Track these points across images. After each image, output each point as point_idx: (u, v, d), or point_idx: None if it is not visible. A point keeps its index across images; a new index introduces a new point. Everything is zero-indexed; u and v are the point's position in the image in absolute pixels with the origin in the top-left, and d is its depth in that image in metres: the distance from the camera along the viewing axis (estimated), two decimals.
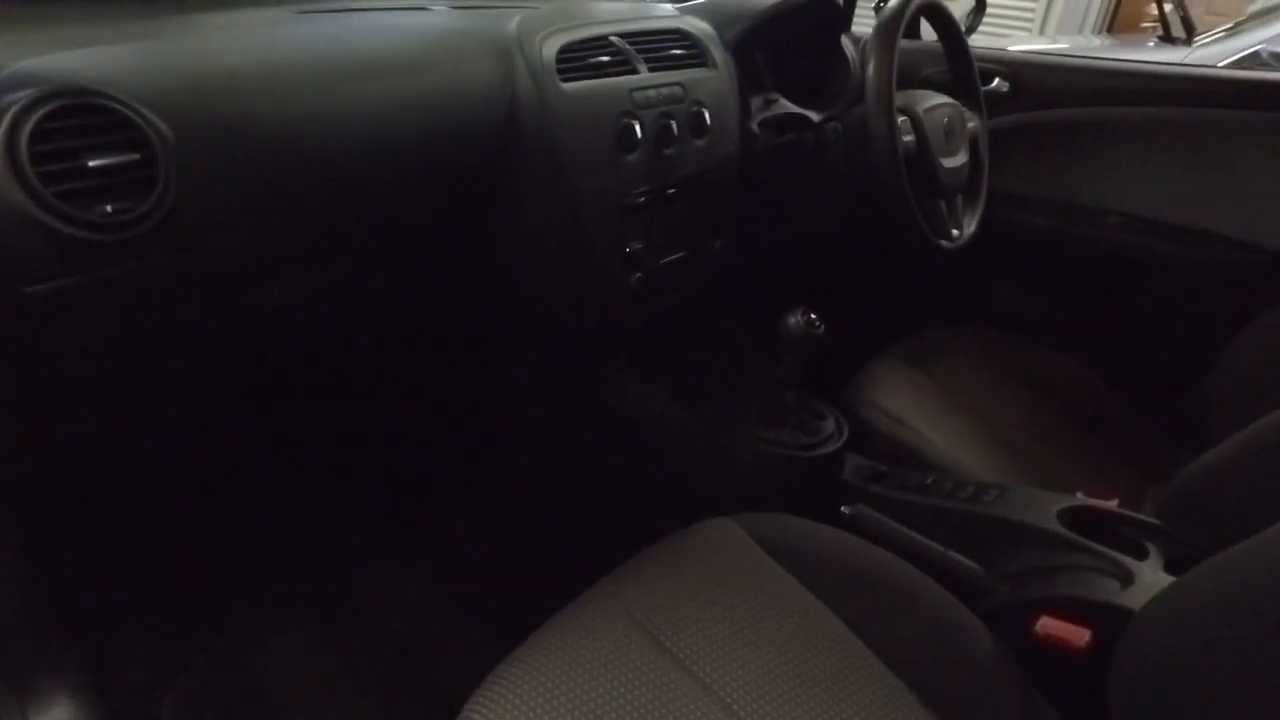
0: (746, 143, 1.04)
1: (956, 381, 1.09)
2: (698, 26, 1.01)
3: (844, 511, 0.96)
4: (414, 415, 1.23)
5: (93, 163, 0.49)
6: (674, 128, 0.89)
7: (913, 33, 1.34)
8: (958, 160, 1.05)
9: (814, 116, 1.11)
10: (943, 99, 1.06)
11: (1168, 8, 2.14)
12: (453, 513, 1.22)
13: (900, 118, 0.96)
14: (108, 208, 0.50)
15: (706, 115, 0.93)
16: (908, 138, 0.97)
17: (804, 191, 1.10)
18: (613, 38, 0.89)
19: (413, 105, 0.71)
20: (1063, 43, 2.92)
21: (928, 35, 1.21)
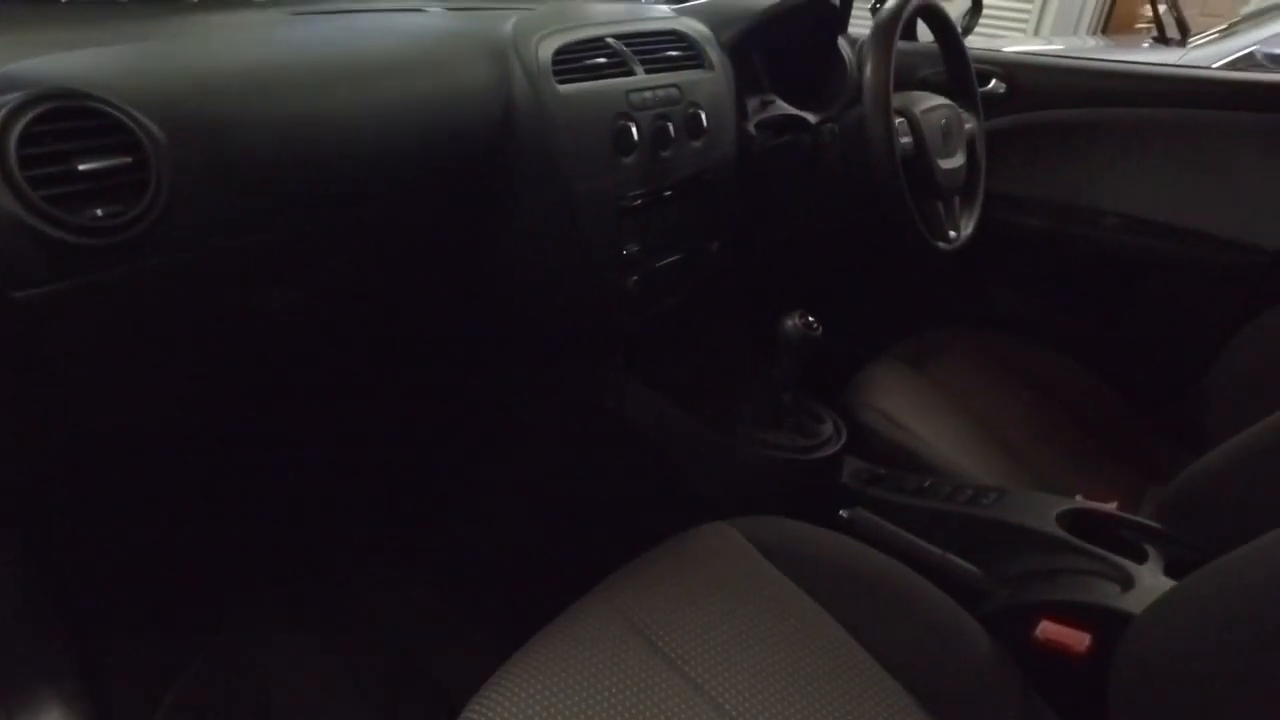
0: (743, 144, 1.04)
1: (954, 383, 1.09)
2: (694, 28, 1.01)
3: (842, 515, 0.95)
4: (412, 416, 1.23)
5: (83, 166, 0.49)
6: (671, 129, 0.89)
7: (909, 34, 1.34)
8: (955, 162, 1.05)
9: (811, 118, 1.11)
10: (940, 100, 1.06)
11: (1162, 9, 2.14)
12: (452, 513, 1.22)
13: (897, 119, 0.96)
14: (98, 211, 0.50)
15: (703, 117, 0.93)
16: (905, 139, 0.97)
17: (801, 193, 1.10)
18: (609, 39, 0.89)
19: (407, 107, 0.71)
20: (1057, 44, 2.93)
21: (924, 36, 1.21)
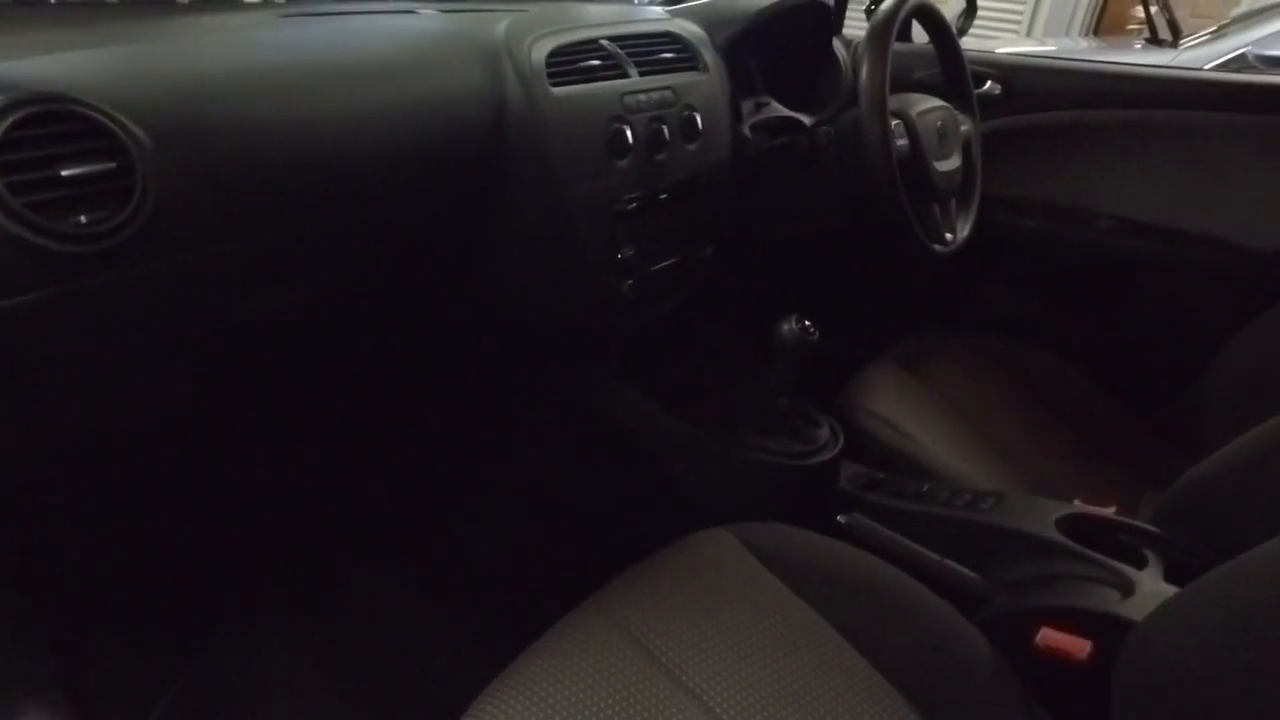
0: (738, 147, 1.03)
1: (951, 386, 1.09)
2: (689, 30, 1.00)
3: (840, 520, 0.95)
4: (407, 420, 1.22)
5: (66, 172, 0.48)
6: (665, 132, 0.88)
7: (905, 35, 1.34)
8: (951, 164, 1.04)
9: (806, 120, 1.10)
10: (935, 102, 1.05)
11: (1153, 10, 2.15)
12: (449, 517, 1.22)
13: (893, 121, 0.96)
14: (82, 218, 0.48)
15: (698, 119, 0.92)
16: (901, 141, 0.97)
17: (796, 196, 1.09)
18: (603, 41, 0.88)
19: (399, 110, 0.70)
20: (1050, 45, 2.95)
21: (919, 38, 1.21)
